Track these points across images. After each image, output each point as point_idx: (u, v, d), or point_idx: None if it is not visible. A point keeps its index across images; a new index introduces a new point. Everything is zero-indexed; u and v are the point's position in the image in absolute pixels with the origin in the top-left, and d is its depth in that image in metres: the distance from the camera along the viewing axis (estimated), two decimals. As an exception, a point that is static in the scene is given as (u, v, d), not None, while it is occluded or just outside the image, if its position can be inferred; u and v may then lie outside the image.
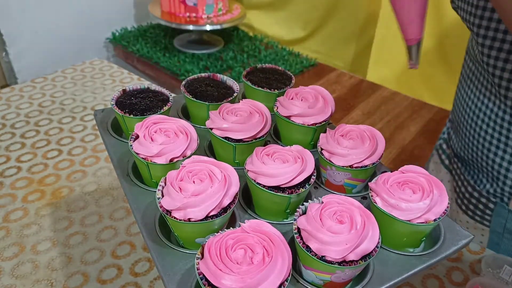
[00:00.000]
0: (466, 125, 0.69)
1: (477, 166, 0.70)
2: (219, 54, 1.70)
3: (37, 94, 1.09)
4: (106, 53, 1.85)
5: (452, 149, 0.77)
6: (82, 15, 1.66)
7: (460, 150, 0.73)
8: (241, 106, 0.56)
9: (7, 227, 0.72)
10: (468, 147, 0.70)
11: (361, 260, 0.40)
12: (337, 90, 1.57)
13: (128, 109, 0.59)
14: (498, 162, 0.65)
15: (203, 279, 0.37)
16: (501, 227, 0.69)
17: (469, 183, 0.73)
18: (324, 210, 0.42)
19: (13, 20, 1.47)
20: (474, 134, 0.68)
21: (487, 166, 0.67)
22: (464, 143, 0.71)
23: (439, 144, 0.84)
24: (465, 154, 0.72)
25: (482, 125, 0.66)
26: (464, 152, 0.72)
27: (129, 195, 0.52)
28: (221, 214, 0.43)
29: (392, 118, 1.46)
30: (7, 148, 0.90)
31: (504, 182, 0.66)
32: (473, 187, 0.72)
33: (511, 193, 0.65)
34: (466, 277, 0.65)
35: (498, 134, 0.63)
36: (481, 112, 0.65)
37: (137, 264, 0.66)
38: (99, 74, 1.19)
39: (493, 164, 0.66)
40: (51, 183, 0.81)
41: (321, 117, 0.57)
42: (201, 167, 0.45)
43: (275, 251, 0.37)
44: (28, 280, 0.63)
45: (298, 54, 1.78)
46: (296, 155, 0.48)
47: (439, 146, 0.84)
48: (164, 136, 0.50)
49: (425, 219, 0.44)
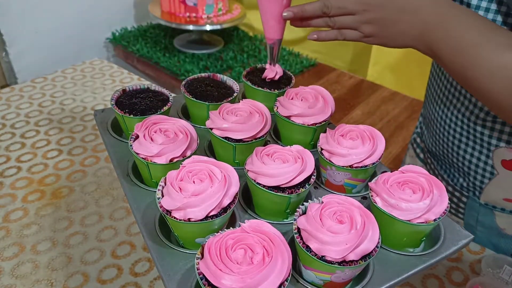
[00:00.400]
0: (436, 123, 0.70)
1: (449, 161, 0.70)
2: (219, 54, 1.70)
3: (37, 94, 1.09)
4: (106, 53, 1.84)
5: (425, 144, 0.78)
6: (82, 15, 1.66)
7: (432, 146, 0.74)
8: (241, 106, 0.56)
9: (7, 227, 0.72)
10: (439, 143, 0.71)
11: (361, 260, 0.40)
12: (337, 90, 1.57)
13: (128, 109, 0.59)
14: (468, 159, 0.66)
15: (203, 279, 0.37)
16: (473, 220, 0.70)
17: (442, 177, 0.74)
18: (324, 210, 0.42)
19: (13, 20, 1.46)
20: (444, 132, 0.68)
21: (458, 162, 0.68)
22: (435, 140, 0.72)
23: (414, 138, 0.85)
24: (436, 150, 0.73)
25: (450, 123, 0.66)
26: (436, 148, 0.73)
27: (129, 195, 0.52)
28: (221, 214, 0.43)
29: (392, 118, 1.45)
30: (7, 148, 0.90)
31: (475, 177, 0.66)
32: (446, 181, 0.73)
33: (482, 188, 0.66)
34: (466, 277, 0.65)
35: (467, 132, 0.64)
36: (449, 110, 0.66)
37: (137, 264, 0.66)
38: (99, 74, 1.19)
39: (464, 160, 0.67)
40: (51, 183, 0.81)
41: (321, 117, 0.57)
42: (201, 167, 0.45)
43: (275, 251, 0.37)
44: (28, 280, 0.63)
45: (298, 54, 1.78)
46: (296, 155, 0.48)
47: (413, 140, 0.85)
48: (164, 136, 0.50)
49: (425, 219, 0.44)
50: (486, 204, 0.67)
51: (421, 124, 0.81)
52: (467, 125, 0.63)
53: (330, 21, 0.56)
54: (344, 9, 0.54)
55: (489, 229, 0.69)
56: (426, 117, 0.75)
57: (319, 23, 0.58)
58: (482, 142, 0.63)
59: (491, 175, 0.64)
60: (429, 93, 0.73)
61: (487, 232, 0.70)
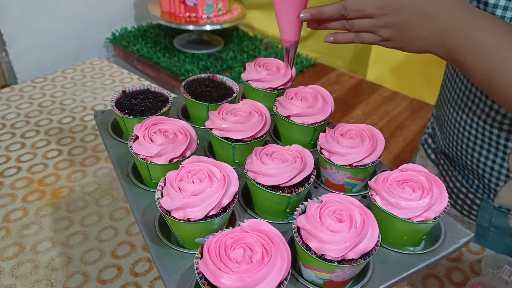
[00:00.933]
0: (450, 124, 0.70)
1: (462, 163, 0.70)
2: (219, 54, 1.70)
3: (37, 94, 1.09)
4: (106, 53, 1.85)
5: (438, 145, 0.77)
6: (82, 15, 1.66)
7: (445, 147, 0.74)
8: (241, 106, 0.56)
9: (7, 227, 0.72)
10: (453, 145, 0.70)
11: (360, 259, 0.40)
12: (337, 90, 1.57)
13: (127, 110, 0.59)
14: (483, 161, 0.65)
15: (202, 279, 0.37)
16: (487, 221, 0.70)
17: (456, 178, 0.73)
18: (324, 209, 0.42)
19: (13, 20, 1.47)
20: (458, 134, 0.68)
21: (472, 165, 0.68)
22: (448, 141, 0.72)
23: (424, 139, 0.84)
24: (450, 152, 0.72)
25: (465, 126, 0.66)
26: (449, 150, 0.72)
27: (129, 195, 0.52)
28: (220, 213, 0.43)
29: (392, 118, 1.46)
30: (7, 148, 0.90)
31: (489, 180, 0.66)
32: (460, 182, 0.73)
33: (496, 191, 0.66)
34: (466, 277, 0.65)
35: (482, 135, 0.64)
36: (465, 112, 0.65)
37: (137, 264, 0.66)
38: (99, 74, 1.19)
39: (478, 163, 0.66)
40: (51, 183, 0.81)
41: (320, 117, 0.57)
42: (200, 167, 0.45)
43: (274, 250, 0.37)
44: (28, 280, 0.63)
45: (298, 54, 1.78)
46: (296, 154, 0.48)
47: (424, 140, 0.84)
48: (164, 136, 0.50)
49: (425, 218, 0.44)
50: (500, 207, 0.67)
51: (433, 125, 0.81)
52: (482, 127, 0.63)
53: (348, 24, 0.55)
54: (363, 12, 0.53)
55: (502, 230, 0.68)
56: (440, 119, 0.75)
57: (337, 26, 0.56)
58: (498, 145, 0.62)
59: (506, 178, 0.64)
60: (443, 94, 0.73)
61: (500, 234, 0.69)
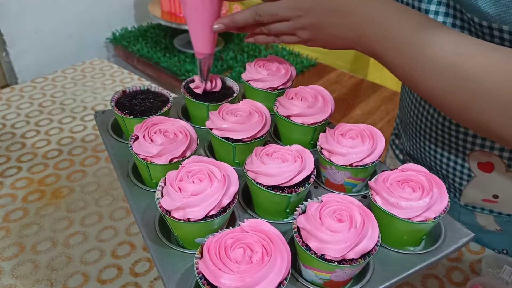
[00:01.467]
0: (412, 127, 0.69)
1: (427, 164, 0.70)
2: (219, 54, 1.70)
3: (37, 94, 1.09)
4: (106, 53, 1.85)
5: (404, 146, 0.77)
6: (82, 15, 1.66)
7: (410, 149, 0.74)
8: (241, 106, 0.56)
9: (7, 227, 0.72)
10: (416, 147, 0.70)
11: (360, 259, 0.40)
12: (337, 90, 1.57)
13: (128, 110, 0.59)
14: (445, 162, 0.65)
15: (202, 279, 0.37)
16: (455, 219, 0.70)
17: None
18: (324, 209, 0.42)
19: (13, 20, 1.47)
20: (420, 136, 0.68)
21: (436, 166, 0.68)
22: (412, 143, 0.72)
23: (392, 140, 0.84)
24: (414, 153, 0.72)
25: (425, 128, 0.65)
26: (414, 151, 0.72)
27: (129, 195, 0.52)
28: (220, 213, 0.43)
29: (392, 118, 1.45)
30: (7, 148, 0.90)
31: (453, 180, 0.66)
32: None
33: (461, 190, 0.66)
34: (466, 277, 0.65)
35: (441, 137, 0.63)
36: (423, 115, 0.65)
37: (137, 264, 0.66)
38: (99, 74, 1.19)
39: (441, 164, 0.66)
40: (51, 183, 0.81)
41: (320, 117, 0.57)
42: (200, 167, 0.45)
43: (274, 250, 0.37)
44: (28, 280, 0.63)
45: (298, 54, 1.78)
46: (296, 154, 0.48)
47: (392, 141, 0.84)
48: (164, 136, 0.50)
49: (425, 217, 0.44)
50: (466, 205, 0.68)
51: (398, 126, 0.81)
52: (441, 130, 0.63)
53: (265, 29, 0.54)
54: (277, 16, 0.52)
55: (471, 226, 0.69)
56: (403, 121, 0.74)
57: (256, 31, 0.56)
58: (458, 146, 0.62)
59: (469, 178, 0.64)
60: (403, 97, 0.72)
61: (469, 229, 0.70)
